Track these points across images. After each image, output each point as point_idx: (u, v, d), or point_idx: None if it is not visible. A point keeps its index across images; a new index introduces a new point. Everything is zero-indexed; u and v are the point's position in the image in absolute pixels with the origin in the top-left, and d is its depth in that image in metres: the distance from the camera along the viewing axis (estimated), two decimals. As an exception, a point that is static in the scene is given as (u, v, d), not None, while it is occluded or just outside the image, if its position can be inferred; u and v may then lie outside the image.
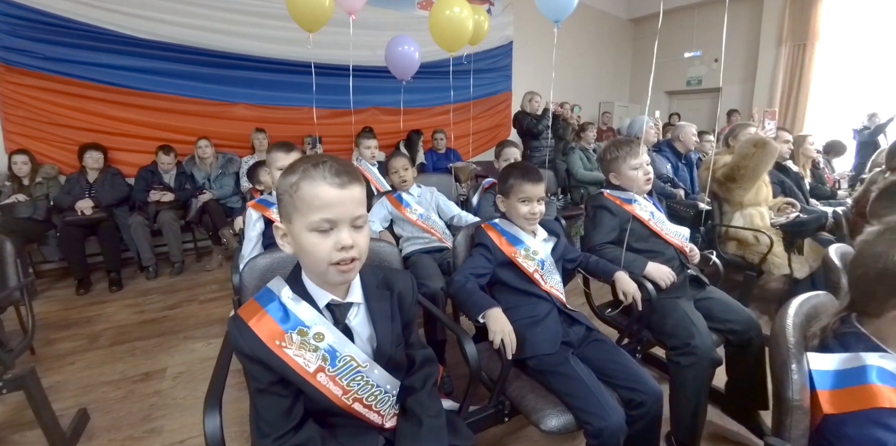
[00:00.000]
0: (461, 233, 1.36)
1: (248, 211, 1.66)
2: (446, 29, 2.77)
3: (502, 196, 1.32)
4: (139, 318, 2.57)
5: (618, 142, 1.62)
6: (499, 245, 1.27)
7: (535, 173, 1.28)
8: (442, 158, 4.55)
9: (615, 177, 1.65)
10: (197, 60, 3.69)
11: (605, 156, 1.65)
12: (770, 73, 5.81)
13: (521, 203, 1.27)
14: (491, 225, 1.32)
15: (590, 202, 1.66)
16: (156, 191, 3.23)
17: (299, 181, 0.68)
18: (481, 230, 1.31)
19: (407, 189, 2.02)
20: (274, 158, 1.64)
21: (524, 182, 1.25)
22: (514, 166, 1.33)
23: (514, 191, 1.27)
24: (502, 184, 1.31)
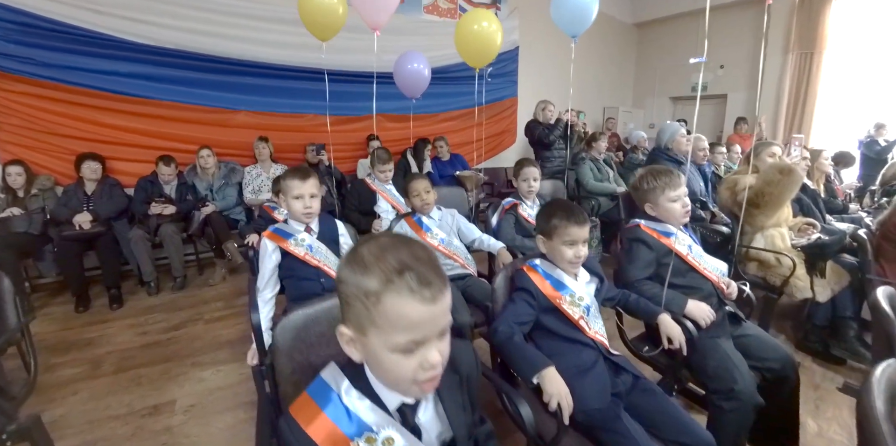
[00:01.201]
0: (500, 274, 1.29)
1: (264, 241, 1.57)
2: (473, 43, 2.67)
3: (544, 237, 1.25)
4: (142, 341, 2.47)
5: (655, 172, 1.56)
6: (542, 290, 1.20)
7: (580, 214, 1.21)
8: (447, 166, 4.48)
9: (651, 208, 1.58)
10: (197, 66, 3.56)
11: (640, 185, 1.58)
12: (776, 81, 5.79)
13: (566, 246, 1.20)
14: (532, 267, 1.25)
15: (625, 234, 1.59)
16: (157, 204, 3.12)
17: (380, 293, 0.58)
18: (522, 273, 1.24)
19: (428, 212, 1.94)
20: (289, 187, 1.55)
21: (570, 224, 1.18)
22: (556, 205, 1.25)
23: (559, 234, 1.20)
24: (543, 223, 1.24)
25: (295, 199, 1.54)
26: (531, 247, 2.08)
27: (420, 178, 1.93)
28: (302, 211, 1.55)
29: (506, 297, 1.26)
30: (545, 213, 1.25)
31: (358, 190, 2.63)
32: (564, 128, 3.92)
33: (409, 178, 1.97)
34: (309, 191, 1.54)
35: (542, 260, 1.27)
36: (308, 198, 1.54)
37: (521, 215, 2.16)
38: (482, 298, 1.77)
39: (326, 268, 1.58)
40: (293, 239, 1.56)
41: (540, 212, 1.30)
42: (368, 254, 0.60)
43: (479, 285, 1.84)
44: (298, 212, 1.55)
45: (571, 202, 1.28)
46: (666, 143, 2.93)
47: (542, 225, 1.25)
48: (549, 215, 1.23)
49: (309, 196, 1.55)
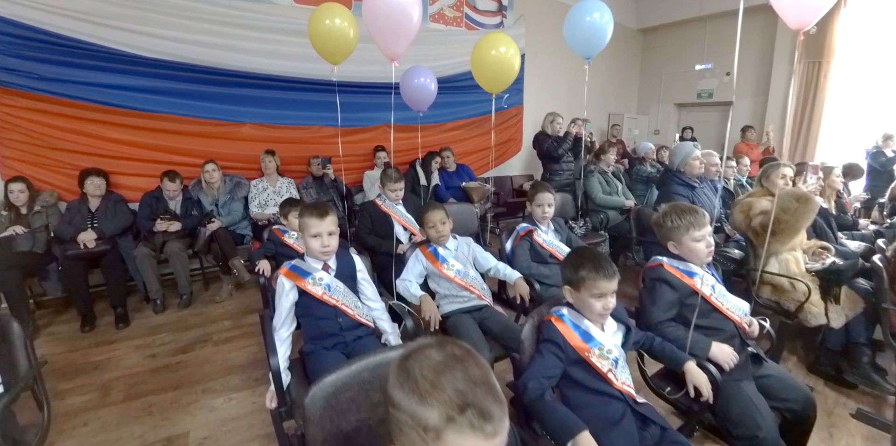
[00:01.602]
0: (527, 324, 1.26)
1: (280, 280, 1.54)
2: (491, 69, 2.61)
3: (571, 287, 1.23)
4: (151, 364, 2.44)
5: (680, 210, 1.53)
6: (570, 341, 1.18)
7: (609, 266, 1.18)
8: (453, 177, 4.44)
9: (674, 247, 1.56)
10: (202, 79, 3.52)
11: (664, 223, 1.55)
12: (783, 89, 5.76)
13: (594, 298, 1.18)
14: (559, 317, 1.22)
15: (647, 274, 1.57)
16: (162, 221, 3.08)
17: (440, 431, 0.55)
18: (550, 325, 1.21)
19: (444, 243, 1.91)
20: (307, 225, 1.51)
21: (598, 277, 1.16)
22: (584, 256, 1.22)
23: (587, 286, 1.17)
24: (571, 274, 1.22)
25: (313, 238, 1.51)
26: (547, 274, 2.06)
27: (435, 209, 1.90)
28: (320, 250, 1.52)
29: (532, 348, 1.24)
30: (572, 264, 1.23)
31: (370, 212, 2.58)
32: (574, 141, 3.89)
33: (424, 208, 1.94)
34: (327, 229, 1.51)
35: (568, 309, 1.25)
36: (326, 237, 1.51)
37: (536, 241, 2.13)
38: (500, 330, 1.75)
39: (344, 307, 1.55)
40: (311, 278, 1.53)
41: (567, 262, 1.27)
42: (423, 380, 0.57)
43: (497, 318, 1.82)
44: (316, 250, 1.52)
45: (599, 252, 1.25)
46: (678, 166, 2.87)
47: (569, 275, 1.22)
48: (577, 266, 1.20)
49: (327, 234, 1.51)
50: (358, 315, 1.58)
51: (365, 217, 2.59)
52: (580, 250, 1.30)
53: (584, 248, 1.28)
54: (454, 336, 1.72)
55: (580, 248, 1.31)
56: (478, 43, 2.63)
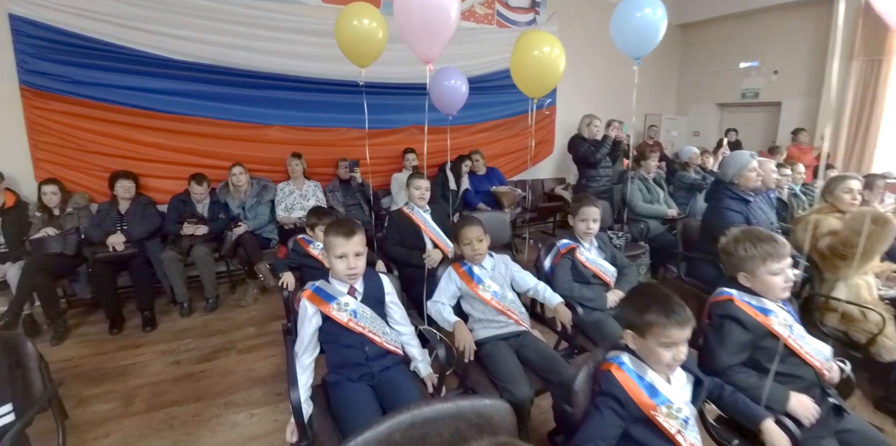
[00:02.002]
0: (581, 372, 1.11)
1: (303, 304, 1.43)
2: (533, 72, 2.37)
3: (634, 333, 1.07)
4: (175, 372, 2.40)
5: (756, 238, 1.35)
6: (633, 396, 1.02)
7: (682, 311, 1.02)
8: (483, 181, 4.29)
9: (746, 279, 1.38)
10: (230, 81, 3.48)
11: (736, 251, 1.37)
12: (838, 89, 5.33)
13: (664, 347, 1.02)
14: (619, 365, 1.07)
15: (715, 309, 1.38)
16: (189, 225, 3.05)
17: None
18: (609, 375, 1.06)
19: (480, 262, 1.77)
20: (332, 244, 1.40)
21: (669, 324, 1.00)
22: (651, 297, 1.06)
23: (654, 334, 1.01)
24: (635, 317, 1.06)
25: (338, 259, 1.40)
26: (590, 297, 1.90)
27: (472, 224, 1.75)
28: (345, 272, 1.40)
29: (587, 400, 1.09)
30: (636, 305, 1.07)
31: (398, 223, 2.46)
32: (612, 145, 3.67)
33: (459, 223, 1.79)
34: (354, 250, 1.40)
35: (629, 356, 1.09)
36: (353, 258, 1.40)
37: (578, 260, 1.97)
38: (540, 360, 1.60)
39: (371, 334, 1.43)
40: (335, 303, 1.42)
41: (629, 302, 1.11)
42: None
43: (536, 346, 1.67)
44: (342, 272, 1.41)
45: (667, 292, 1.08)
46: (732, 178, 2.61)
47: (632, 319, 1.06)
48: (642, 309, 1.04)
49: (353, 255, 1.40)
50: (386, 342, 1.46)
51: (393, 227, 2.46)
52: (645, 289, 1.13)
53: (650, 287, 1.11)
54: (489, 366, 1.58)
55: (645, 287, 1.14)
56: (518, 42, 2.43)
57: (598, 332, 1.84)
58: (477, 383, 1.55)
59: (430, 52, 1.95)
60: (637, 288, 1.14)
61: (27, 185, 3.10)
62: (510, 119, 4.89)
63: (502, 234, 2.99)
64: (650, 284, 1.13)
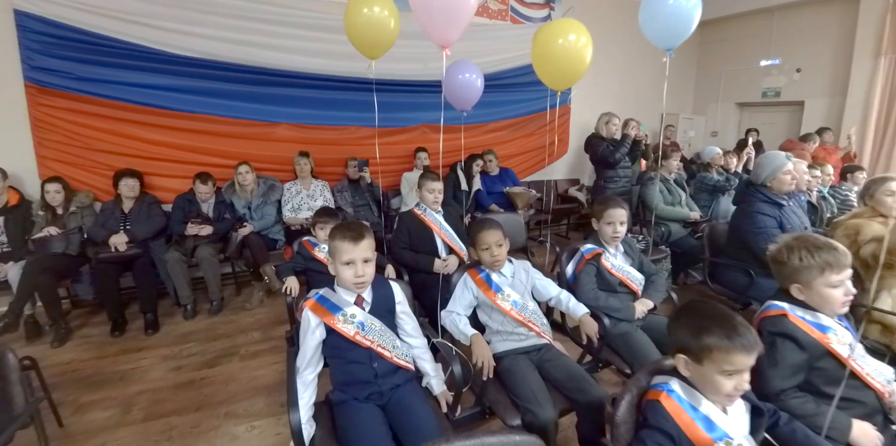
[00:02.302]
0: (624, 401, 0.97)
1: (306, 314, 1.30)
2: (557, 62, 2.17)
3: (688, 357, 0.93)
4: (175, 379, 2.31)
5: (812, 245, 1.20)
6: (686, 432, 0.88)
7: (748, 334, 0.87)
8: (496, 182, 4.16)
9: (800, 291, 1.23)
10: (237, 77, 3.38)
11: (788, 260, 1.23)
12: (865, 88, 5.11)
13: (725, 376, 0.88)
14: (668, 394, 0.93)
15: (766, 325, 1.24)
16: (193, 225, 2.96)
17: None
18: (657, 406, 0.91)
19: (499, 269, 1.65)
20: (338, 250, 1.28)
21: (734, 349, 0.85)
22: (707, 315, 0.92)
23: (715, 360, 0.87)
24: (690, 340, 0.91)
25: (345, 266, 1.28)
26: (617, 307, 1.76)
27: (492, 228, 1.62)
28: (352, 280, 1.28)
29: (629, 434, 0.95)
30: (692, 327, 0.92)
31: (408, 225, 2.33)
32: (632, 145, 3.52)
33: (477, 226, 1.66)
34: (362, 256, 1.28)
35: (679, 382, 0.95)
36: (360, 265, 1.27)
37: (603, 266, 1.83)
38: (564, 378, 1.46)
39: (381, 349, 1.30)
40: (341, 314, 1.30)
41: (682, 323, 0.96)
42: None
43: (560, 361, 1.54)
44: (348, 281, 1.29)
45: (729, 311, 0.93)
46: (764, 180, 2.45)
47: (687, 341, 0.92)
48: (700, 331, 0.90)
49: (362, 261, 1.28)
50: (396, 357, 1.34)
51: (402, 230, 2.34)
52: (701, 307, 0.97)
53: (706, 304, 0.94)
54: (508, 383, 1.45)
55: (700, 304, 0.97)
56: (540, 30, 2.24)
57: (626, 346, 1.70)
58: (495, 402, 1.42)
59: (448, 35, 1.79)
60: (691, 305, 0.98)
61: (31, 184, 3.04)
62: (524, 118, 4.76)
63: (517, 237, 2.86)
64: (703, 302, 0.99)
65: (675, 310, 1.00)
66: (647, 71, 6.01)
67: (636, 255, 1.97)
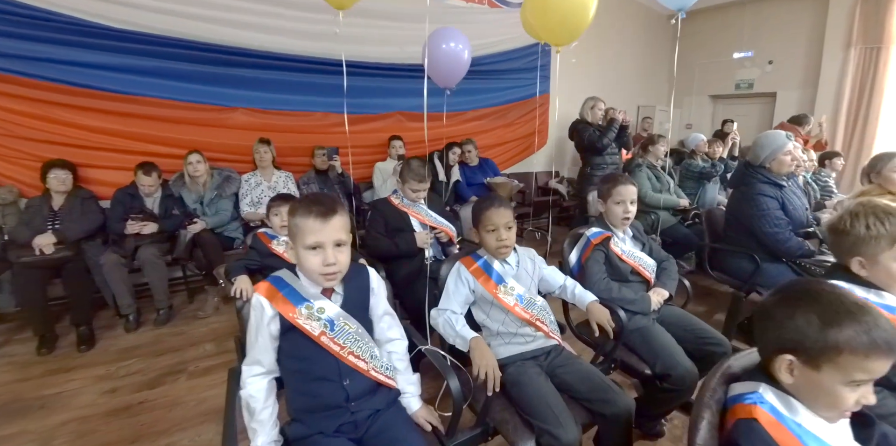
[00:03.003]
0: (703, 426, 0.70)
1: (256, 299, 0.99)
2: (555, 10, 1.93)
3: (797, 359, 0.68)
4: (108, 404, 1.92)
5: (881, 211, 1.01)
6: None
7: (891, 329, 0.64)
8: (476, 172, 3.92)
9: (863, 266, 1.02)
10: (188, 56, 2.99)
11: (851, 228, 1.02)
12: (836, 79, 5.19)
13: (851, 387, 0.64)
14: (762, 408, 0.67)
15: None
16: (134, 222, 2.57)
17: None
18: (754, 428, 0.66)
19: (504, 256, 1.37)
20: (301, 229, 0.96)
21: (875, 352, 0.62)
22: (833, 304, 0.67)
23: (841, 365, 0.64)
24: (812, 337, 0.66)
25: (310, 251, 0.96)
26: (631, 298, 1.52)
27: (501, 206, 1.31)
28: (320, 270, 0.97)
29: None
30: (813, 318, 0.66)
31: (383, 212, 2.03)
32: (619, 129, 3.35)
33: (484, 203, 1.34)
34: (333, 238, 0.97)
35: (774, 392, 0.70)
36: (331, 250, 0.97)
37: (613, 252, 1.59)
38: (584, 386, 1.21)
39: (355, 359, 1.00)
40: (305, 306, 1.00)
41: (791, 310, 0.69)
42: None
43: (574, 365, 1.28)
44: (314, 271, 0.97)
45: (860, 299, 0.68)
46: (763, 161, 2.30)
47: (802, 338, 0.66)
48: (827, 323, 0.65)
49: (333, 245, 0.97)
50: (376, 369, 1.04)
51: (377, 218, 2.03)
52: (820, 292, 0.69)
53: (824, 288, 0.70)
54: (516, 397, 1.17)
55: (816, 288, 0.70)
56: None
57: (644, 342, 1.46)
58: (501, 421, 1.15)
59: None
60: (805, 289, 0.72)
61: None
62: (504, 106, 4.54)
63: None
64: (820, 282, 0.74)
65: (777, 295, 0.74)
66: (622, 62, 5.94)
67: (645, 240, 1.75)
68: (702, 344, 1.49)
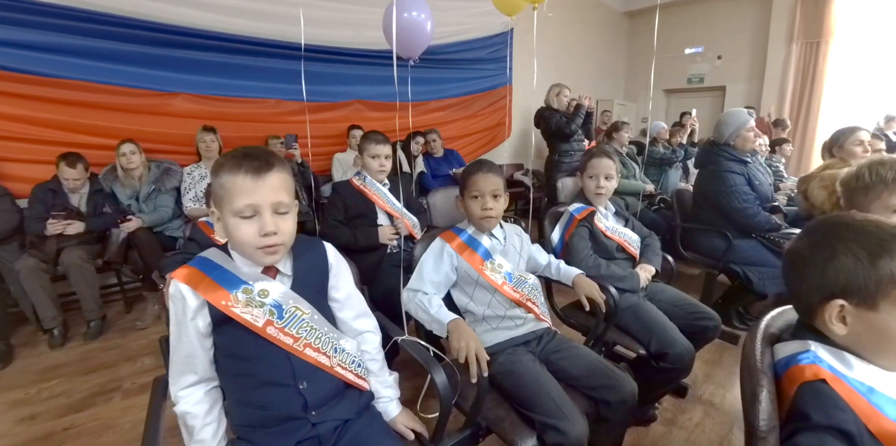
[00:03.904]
0: (763, 396, 0.55)
1: (175, 287, 0.78)
2: None
3: (850, 303, 0.58)
4: (27, 433, 1.62)
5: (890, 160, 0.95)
6: (867, 421, 0.52)
7: None
8: (441, 164, 3.77)
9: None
10: (120, 34, 2.64)
11: (857, 179, 0.97)
12: (780, 72, 5.46)
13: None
14: (830, 371, 0.55)
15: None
16: (56, 221, 2.23)
17: None
18: (823, 391, 0.54)
19: (491, 228, 1.22)
20: (230, 190, 0.75)
21: None
22: (875, 231, 0.58)
23: None
24: (861, 273, 0.57)
25: (241, 219, 0.76)
26: (621, 275, 1.42)
27: (490, 171, 1.16)
28: (257, 242, 0.76)
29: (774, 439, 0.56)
30: (856, 251, 0.57)
31: (343, 197, 1.82)
32: (585, 116, 3.33)
33: (472, 168, 1.19)
34: (270, 200, 0.76)
35: (822, 346, 0.58)
36: (269, 216, 0.76)
37: (597, 228, 1.49)
38: (584, 372, 1.08)
39: (313, 352, 0.81)
40: (242, 290, 0.79)
41: (830, 249, 0.60)
42: None
43: (570, 349, 1.15)
44: (249, 243, 0.76)
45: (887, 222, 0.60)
46: (728, 139, 2.34)
47: (850, 276, 0.57)
48: (876, 253, 0.56)
49: (270, 210, 0.77)
50: (342, 365, 0.85)
51: (336, 204, 1.83)
52: (853, 223, 0.61)
53: (854, 219, 0.61)
54: (510, 388, 1.02)
55: (848, 221, 0.62)
56: None
57: (637, 320, 1.37)
58: (495, 420, 0.99)
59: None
60: (835, 222, 0.62)
61: None
62: (468, 97, 4.43)
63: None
64: (846, 215, 0.64)
65: (807, 239, 0.63)
66: (580, 57, 6.01)
67: (627, 216, 1.67)
68: (692, 319, 1.44)
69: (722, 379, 1.92)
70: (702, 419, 1.64)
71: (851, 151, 2.19)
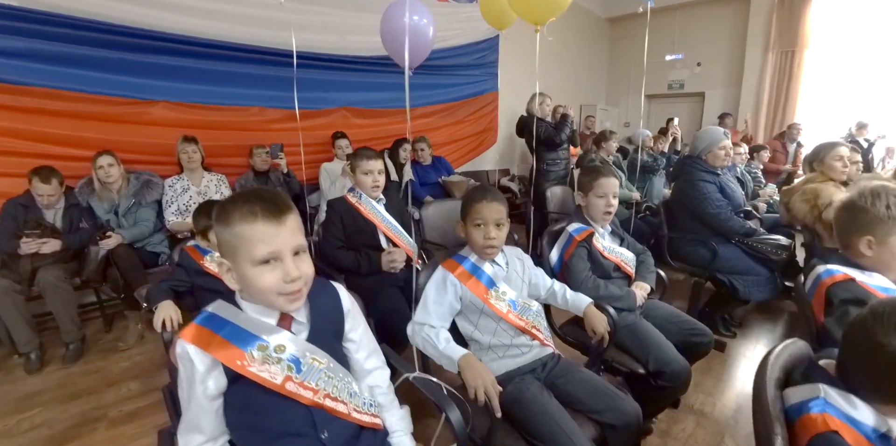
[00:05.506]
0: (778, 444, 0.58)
1: (184, 349, 0.73)
2: None
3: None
4: (0, 468, 1.54)
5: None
6: None
7: None
8: (429, 171, 3.75)
9: (870, 246, 1.00)
10: (97, 40, 2.52)
11: (870, 205, 1.01)
12: (757, 79, 5.64)
13: None
14: (841, 420, 0.57)
15: (837, 293, 1.00)
16: (31, 239, 2.12)
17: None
18: (834, 442, 0.55)
19: (493, 257, 1.20)
20: (248, 239, 0.71)
21: None
22: None
23: None
24: None
25: (261, 266, 0.72)
26: (618, 295, 1.43)
27: (494, 199, 1.15)
28: (281, 289, 0.72)
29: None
30: None
31: (341, 216, 1.79)
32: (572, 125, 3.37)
33: (475, 195, 1.18)
34: (291, 245, 0.73)
35: (830, 389, 0.59)
36: (291, 262, 0.73)
37: (595, 248, 1.50)
38: (590, 397, 1.08)
39: (331, 402, 0.78)
40: (257, 347, 0.75)
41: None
42: None
43: (575, 374, 1.15)
44: (273, 291, 0.73)
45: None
46: (700, 153, 2.42)
47: None
48: None
49: (291, 254, 0.74)
50: (357, 409, 0.82)
51: (334, 222, 1.80)
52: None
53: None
54: (519, 417, 1.02)
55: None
56: None
57: (635, 339, 1.39)
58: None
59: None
60: None
61: None
62: (453, 104, 4.42)
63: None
64: None
65: None
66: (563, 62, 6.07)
67: (622, 234, 1.69)
68: (686, 335, 1.47)
69: (711, 387, 1.96)
70: (694, 429, 1.67)
71: (831, 166, 2.26)
